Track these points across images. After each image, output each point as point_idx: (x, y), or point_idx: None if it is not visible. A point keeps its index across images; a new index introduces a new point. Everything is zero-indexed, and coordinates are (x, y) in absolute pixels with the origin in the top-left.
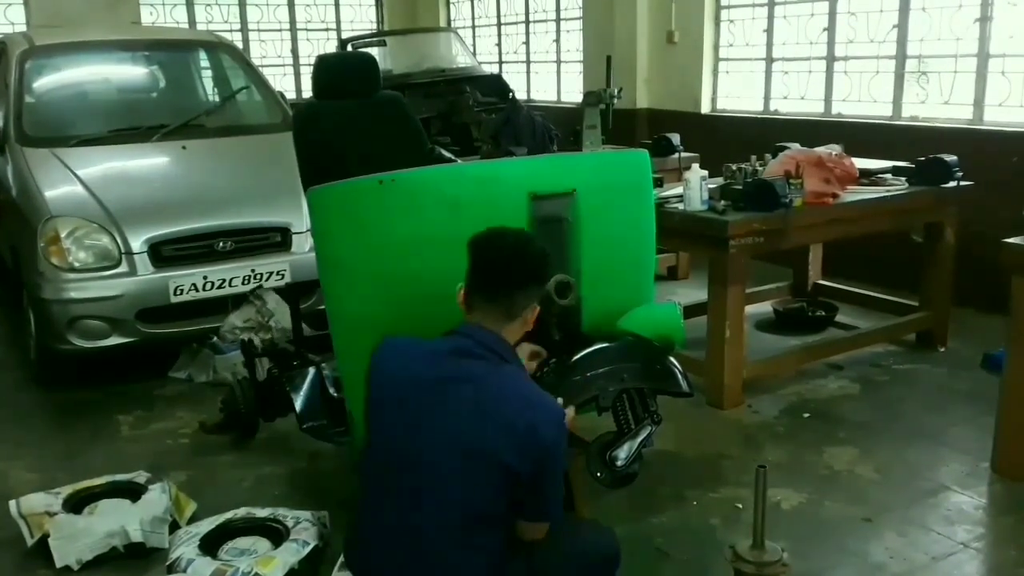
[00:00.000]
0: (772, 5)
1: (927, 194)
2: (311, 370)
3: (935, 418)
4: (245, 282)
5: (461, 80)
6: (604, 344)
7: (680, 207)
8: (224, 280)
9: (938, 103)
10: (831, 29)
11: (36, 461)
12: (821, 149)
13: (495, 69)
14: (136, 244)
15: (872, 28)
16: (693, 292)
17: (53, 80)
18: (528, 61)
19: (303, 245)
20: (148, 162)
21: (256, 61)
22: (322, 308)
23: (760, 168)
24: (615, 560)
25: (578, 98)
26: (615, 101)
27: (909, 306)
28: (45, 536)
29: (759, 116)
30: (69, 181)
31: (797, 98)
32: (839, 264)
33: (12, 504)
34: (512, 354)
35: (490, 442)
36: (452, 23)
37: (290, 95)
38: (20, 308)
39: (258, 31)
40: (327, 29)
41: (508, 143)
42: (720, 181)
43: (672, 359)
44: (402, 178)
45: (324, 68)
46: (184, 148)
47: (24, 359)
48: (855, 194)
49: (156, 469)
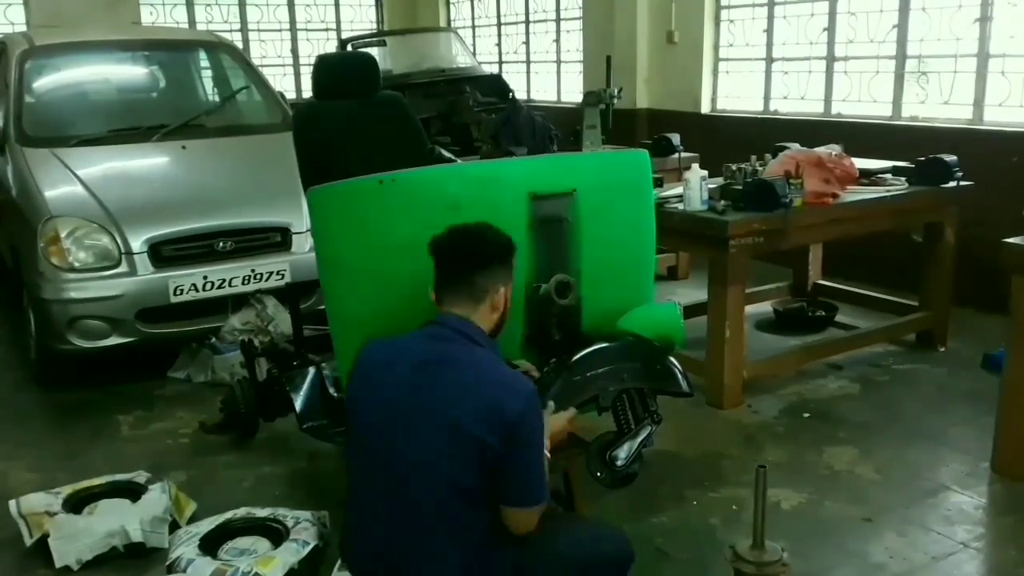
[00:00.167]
0: (772, 5)
1: (927, 194)
2: (311, 370)
3: (935, 418)
4: (245, 282)
5: (461, 80)
6: (604, 344)
7: (680, 207)
8: (224, 280)
9: (938, 103)
10: (831, 29)
11: (36, 461)
12: (821, 149)
13: (495, 69)
14: (136, 244)
15: (872, 28)
16: (693, 292)
17: (53, 80)
18: (528, 61)
19: (303, 245)
20: (148, 162)
21: (256, 61)
22: (322, 308)
23: (760, 168)
24: (627, 564)
25: (578, 98)
26: (615, 101)
27: (909, 306)
28: (45, 536)
29: (759, 116)
30: (69, 181)
31: (797, 98)
32: (839, 264)
33: (12, 504)
34: (484, 338)
35: (459, 415)
36: (452, 23)
37: (290, 95)
38: (20, 308)
39: (258, 31)
40: (327, 29)
41: (508, 143)
42: (720, 181)
43: (672, 359)
44: (402, 178)
45: (324, 68)
46: (184, 148)
47: (24, 359)
48: (855, 194)
49: (156, 469)
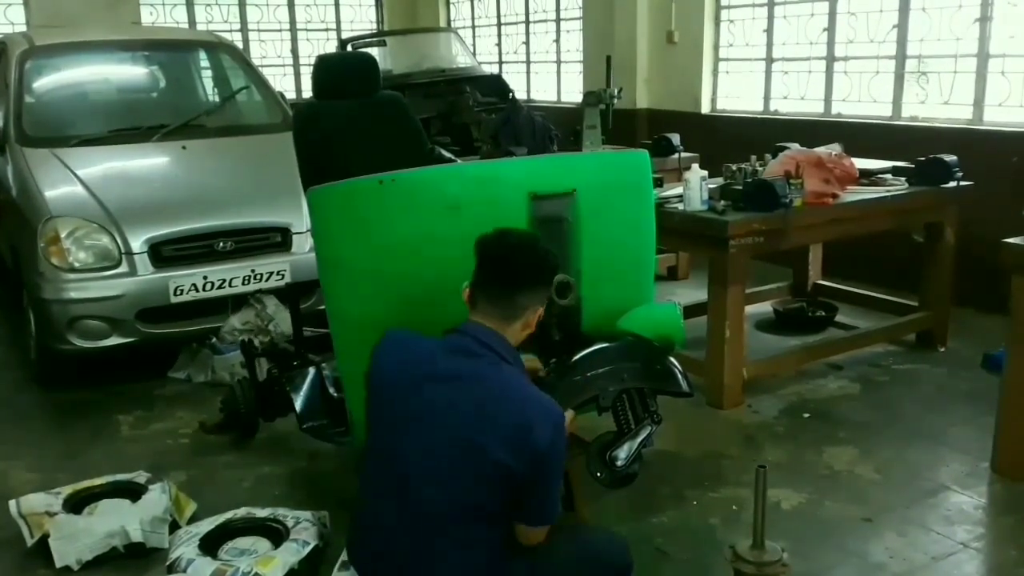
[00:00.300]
0: (772, 5)
1: (927, 194)
2: (311, 370)
3: (935, 418)
4: (245, 282)
5: (461, 80)
6: (604, 344)
7: (680, 207)
8: (224, 280)
9: (938, 103)
10: (831, 29)
11: (36, 461)
12: (821, 149)
13: (495, 69)
14: (136, 244)
15: (872, 28)
16: (693, 292)
17: (53, 80)
18: (528, 61)
19: (303, 245)
20: (148, 162)
21: (256, 61)
22: (322, 308)
23: (760, 168)
24: (626, 572)
25: (578, 98)
26: (615, 101)
27: (909, 306)
28: (45, 536)
29: (759, 116)
30: (69, 181)
31: (797, 98)
32: (839, 264)
33: (12, 504)
34: (513, 355)
35: (483, 439)
36: (452, 23)
37: (290, 95)
38: (20, 308)
39: (258, 31)
40: (327, 29)
41: (508, 143)
42: (720, 181)
43: (672, 359)
44: (402, 178)
45: (324, 68)
46: (184, 148)
47: (24, 359)
48: (855, 194)
49: (156, 469)
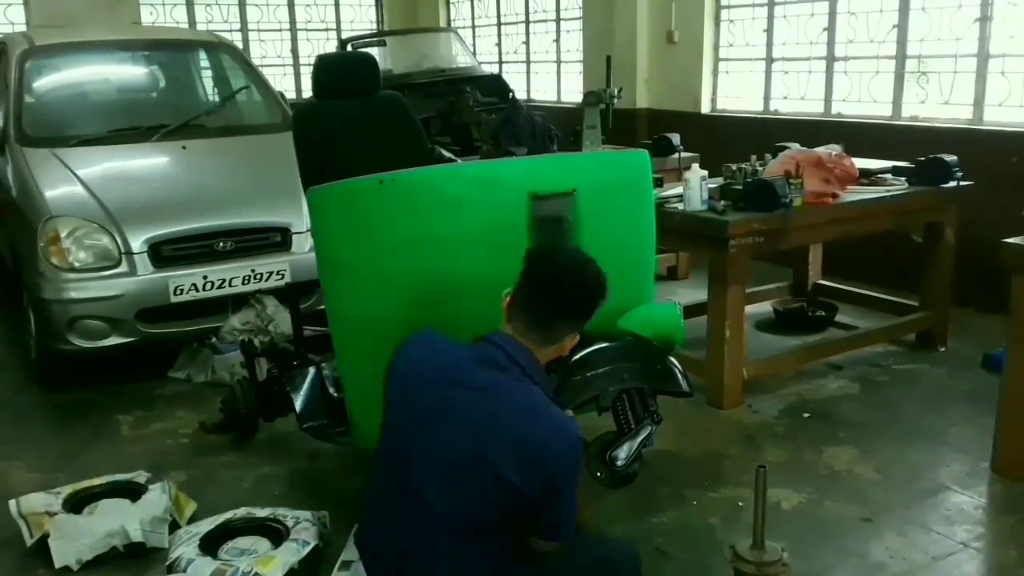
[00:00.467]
0: (772, 5)
1: (927, 194)
2: (311, 370)
3: (935, 418)
4: (245, 282)
5: (461, 80)
6: (604, 344)
7: (680, 207)
8: (224, 280)
9: (938, 103)
10: (831, 29)
11: (36, 461)
12: (821, 149)
13: (495, 69)
14: (136, 244)
15: (872, 28)
16: (693, 292)
17: (53, 80)
18: (528, 61)
19: (303, 245)
20: (148, 162)
21: (256, 61)
22: (322, 308)
23: (760, 168)
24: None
25: (578, 98)
26: (615, 101)
27: (909, 306)
28: (45, 536)
29: (759, 116)
30: (69, 181)
31: (797, 98)
32: (839, 264)
33: (12, 504)
34: (540, 373)
35: (492, 454)
36: (452, 23)
37: (290, 95)
38: (20, 308)
39: (258, 31)
40: (327, 29)
41: (508, 143)
42: (720, 181)
43: (672, 359)
44: (402, 178)
45: (324, 68)
46: (184, 148)
47: (24, 359)
48: (855, 194)
49: (156, 469)
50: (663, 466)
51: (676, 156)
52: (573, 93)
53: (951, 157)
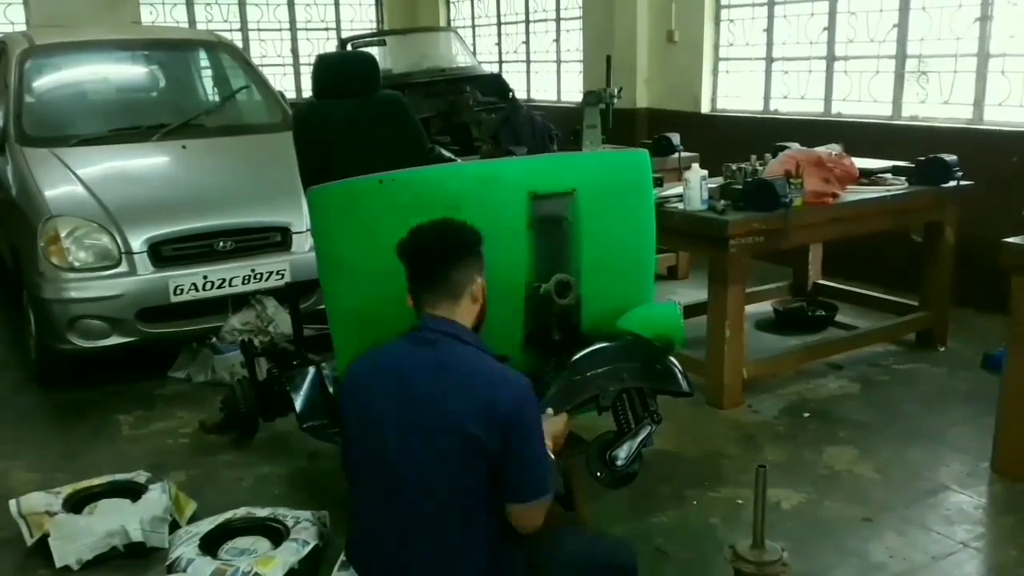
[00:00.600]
0: (772, 5)
1: (927, 194)
2: (311, 370)
3: (935, 418)
4: (245, 282)
5: (461, 80)
6: (604, 344)
7: (680, 207)
8: (224, 280)
9: (938, 103)
10: (831, 29)
11: (36, 461)
12: (821, 149)
13: (495, 69)
14: (136, 244)
15: (872, 28)
16: (693, 292)
17: (53, 80)
18: (528, 61)
19: (303, 245)
20: (148, 162)
21: (256, 61)
22: (322, 308)
23: (760, 168)
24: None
25: (578, 98)
26: (615, 101)
27: (909, 306)
28: (45, 536)
29: (759, 116)
30: (69, 181)
31: (797, 98)
32: (839, 264)
33: (12, 504)
34: (470, 335)
35: (454, 416)
36: (452, 23)
37: (290, 95)
38: (20, 308)
39: (258, 31)
40: (327, 29)
41: (508, 143)
42: (720, 181)
43: (672, 359)
44: (402, 178)
45: (324, 68)
46: (184, 148)
47: (24, 359)
48: (855, 194)
49: (156, 469)
50: (663, 466)
51: (676, 156)
52: (573, 93)
53: (951, 157)
